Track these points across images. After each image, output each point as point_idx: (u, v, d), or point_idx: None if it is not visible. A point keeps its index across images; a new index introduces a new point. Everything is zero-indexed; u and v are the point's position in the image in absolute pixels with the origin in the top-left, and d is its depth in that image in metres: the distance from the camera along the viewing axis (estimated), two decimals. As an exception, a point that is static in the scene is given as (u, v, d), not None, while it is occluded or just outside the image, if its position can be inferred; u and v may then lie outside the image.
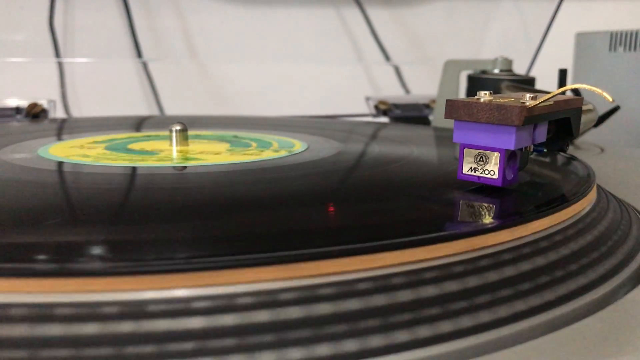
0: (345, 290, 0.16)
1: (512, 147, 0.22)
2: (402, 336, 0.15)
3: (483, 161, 0.23)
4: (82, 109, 0.67)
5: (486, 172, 0.22)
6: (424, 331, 0.16)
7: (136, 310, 0.15)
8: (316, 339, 0.15)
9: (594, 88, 0.20)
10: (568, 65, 0.57)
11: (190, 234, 0.18)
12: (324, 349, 0.15)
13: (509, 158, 0.23)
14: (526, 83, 0.48)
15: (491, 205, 0.22)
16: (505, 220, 0.20)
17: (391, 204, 0.23)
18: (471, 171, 0.23)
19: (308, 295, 0.16)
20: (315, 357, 0.14)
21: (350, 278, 0.16)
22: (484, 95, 0.23)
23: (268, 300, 0.15)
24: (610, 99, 0.20)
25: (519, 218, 0.20)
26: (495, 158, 0.22)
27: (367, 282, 0.16)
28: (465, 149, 0.23)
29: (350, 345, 0.15)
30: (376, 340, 0.15)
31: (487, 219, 0.20)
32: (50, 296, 0.15)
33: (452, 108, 0.22)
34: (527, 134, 0.23)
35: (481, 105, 0.22)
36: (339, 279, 0.16)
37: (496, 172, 0.22)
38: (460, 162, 0.23)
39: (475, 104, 0.22)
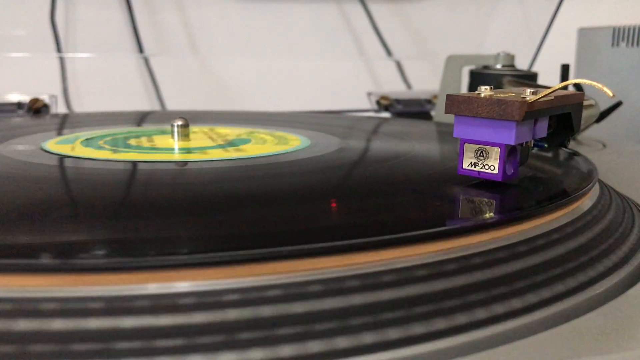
0: (338, 287, 0.16)
1: (512, 142, 0.22)
2: (416, 329, 0.15)
3: (483, 156, 0.22)
4: (83, 104, 0.67)
5: (486, 167, 0.22)
6: (418, 328, 0.16)
7: (136, 306, 0.15)
8: (307, 335, 0.15)
9: (594, 83, 0.20)
10: (570, 60, 0.57)
11: (189, 230, 0.18)
12: (316, 346, 0.15)
13: (509, 153, 0.23)
14: (528, 78, 0.48)
15: (491, 201, 0.22)
16: (505, 216, 0.20)
17: (392, 199, 0.23)
18: (471, 166, 0.23)
19: (302, 292, 0.16)
20: (307, 354, 0.14)
21: (350, 274, 0.16)
22: (484, 90, 0.23)
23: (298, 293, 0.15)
24: (611, 94, 0.20)
25: (520, 213, 0.20)
26: (495, 153, 0.22)
27: (366, 278, 0.16)
28: (466, 144, 0.23)
29: (342, 343, 0.15)
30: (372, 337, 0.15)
31: (487, 215, 0.20)
32: (53, 291, 0.15)
33: (452, 103, 0.22)
34: (527, 129, 0.23)
35: (481, 100, 0.22)
36: (338, 275, 0.16)
37: (496, 167, 0.22)
38: (460, 157, 0.23)
39: (476, 99, 0.22)
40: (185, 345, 0.14)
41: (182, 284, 0.15)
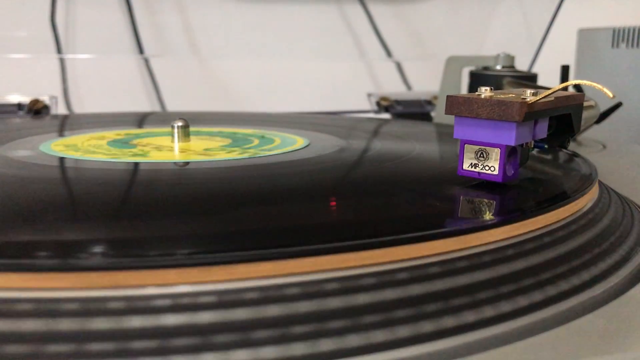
0: (345, 286, 0.16)
1: (512, 143, 0.22)
2: (403, 331, 0.15)
3: (483, 157, 0.22)
4: (83, 105, 0.67)
5: (486, 168, 0.22)
6: (427, 326, 0.16)
7: (139, 306, 0.15)
8: (318, 334, 0.15)
9: (594, 84, 0.20)
10: (570, 61, 0.57)
11: (192, 230, 0.18)
12: (328, 344, 0.15)
13: (510, 154, 0.23)
14: (528, 79, 0.48)
15: (492, 202, 0.22)
16: (505, 216, 0.20)
17: (392, 200, 0.23)
18: (471, 167, 0.23)
19: (308, 291, 0.16)
20: (318, 352, 0.14)
21: (351, 274, 0.16)
22: (484, 91, 0.23)
23: (276, 295, 0.15)
24: (611, 95, 0.20)
25: (520, 215, 0.20)
26: (495, 154, 0.22)
27: (369, 277, 0.16)
28: (466, 145, 0.23)
29: (352, 341, 0.15)
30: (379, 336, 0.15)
31: (487, 216, 0.20)
32: (54, 292, 0.15)
33: (453, 104, 0.22)
34: (527, 129, 0.23)
35: (482, 101, 0.22)
36: (341, 274, 0.16)
37: (496, 168, 0.22)
38: (460, 158, 0.23)
39: (476, 100, 0.22)
40: (197, 345, 0.14)
41: (182, 285, 0.15)
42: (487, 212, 0.21)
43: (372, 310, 0.16)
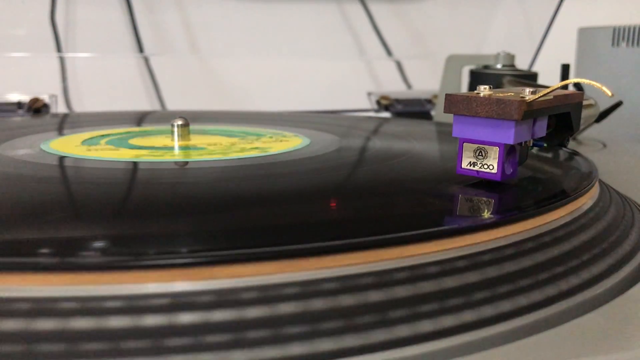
0: (344, 285, 0.16)
1: (511, 142, 0.22)
2: (402, 331, 0.15)
3: (482, 156, 0.22)
4: (83, 104, 0.67)
5: (485, 166, 0.22)
6: (426, 326, 0.16)
7: (137, 305, 0.15)
8: (315, 334, 0.15)
9: (593, 82, 0.20)
10: (571, 60, 0.57)
11: (190, 229, 0.18)
12: (325, 345, 0.15)
13: (508, 153, 0.23)
14: (528, 78, 0.48)
15: (490, 201, 0.22)
16: (504, 215, 0.20)
17: (392, 199, 0.23)
18: (470, 166, 0.23)
19: (307, 290, 0.16)
20: (316, 352, 0.14)
21: (350, 272, 0.16)
22: (483, 90, 0.23)
23: (267, 295, 0.15)
24: (610, 94, 0.20)
25: (519, 213, 0.20)
26: (494, 152, 0.22)
27: (368, 276, 0.16)
28: (465, 144, 0.23)
29: (350, 341, 0.15)
30: (376, 336, 0.15)
31: (486, 215, 0.20)
32: (52, 290, 0.15)
33: (451, 102, 0.22)
34: (526, 128, 0.23)
35: (480, 100, 0.22)
36: (341, 273, 0.16)
37: (495, 167, 0.22)
38: (459, 156, 0.23)
39: (475, 99, 0.22)
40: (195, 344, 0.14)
41: (181, 283, 0.15)
42: (486, 211, 0.21)
43: (369, 310, 0.15)
